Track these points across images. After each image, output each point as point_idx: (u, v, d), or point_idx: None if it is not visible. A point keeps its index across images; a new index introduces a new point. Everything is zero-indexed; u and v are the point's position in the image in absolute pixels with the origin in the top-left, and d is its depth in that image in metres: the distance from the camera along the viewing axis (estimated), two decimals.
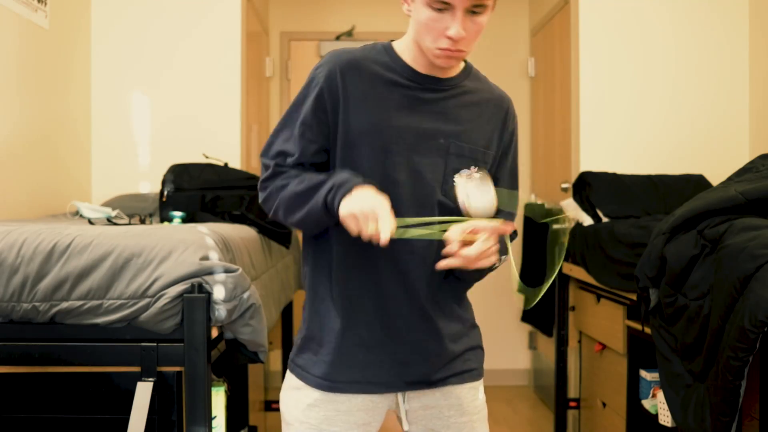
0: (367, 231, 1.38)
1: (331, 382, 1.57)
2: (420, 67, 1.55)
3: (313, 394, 1.58)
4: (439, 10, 1.44)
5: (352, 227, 1.41)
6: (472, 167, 1.54)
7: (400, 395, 1.61)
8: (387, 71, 1.54)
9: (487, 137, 1.59)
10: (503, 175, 1.65)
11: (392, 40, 1.60)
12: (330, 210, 1.45)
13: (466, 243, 1.43)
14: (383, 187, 1.47)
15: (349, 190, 1.42)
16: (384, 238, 1.37)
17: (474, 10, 1.47)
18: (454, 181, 1.52)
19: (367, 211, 1.38)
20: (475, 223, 1.44)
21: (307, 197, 1.48)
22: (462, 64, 1.62)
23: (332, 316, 1.57)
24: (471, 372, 1.65)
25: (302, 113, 1.54)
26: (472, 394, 1.65)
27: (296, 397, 1.61)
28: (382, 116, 1.52)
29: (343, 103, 1.52)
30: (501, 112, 1.63)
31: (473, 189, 1.46)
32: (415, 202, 1.53)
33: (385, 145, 1.52)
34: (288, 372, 1.65)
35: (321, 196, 1.46)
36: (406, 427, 1.63)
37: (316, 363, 1.58)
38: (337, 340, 1.57)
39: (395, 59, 1.55)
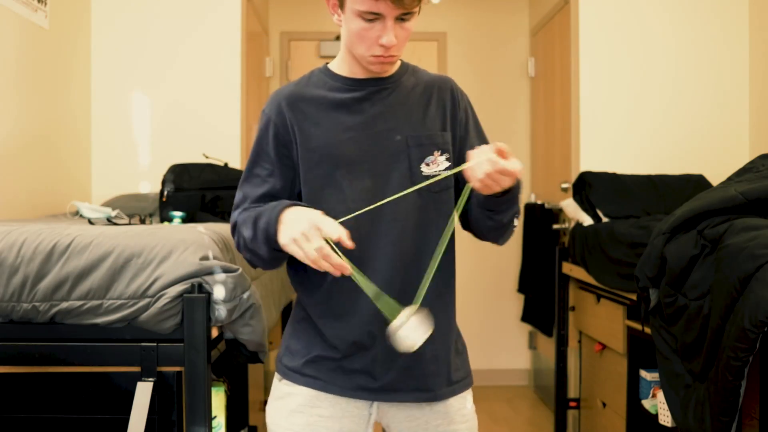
0: (312, 250, 1.39)
1: (323, 382, 1.58)
2: (359, 74, 1.59)
3: (296, 400, 1.58)
4: (370, 20, 1.48)
5: (300, 255, 1.41)
6: (435, 152, 1.57)
7: (386, 405, 1.60)
8: (328, 90, 1.59)
9: (440, 120, 1.62)
10: (466, 148, 1.62)
11: (326, 63, 1.65)
12: (275, 245, 1.47)
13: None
14: (354, 196, 1.52)
15: (277, 216, 1.45)
16: (338, 236, 1.39)
17: (402, 18, 1.51)
18: (421, 170, 1.55)
19: (304, 229, 1.40)
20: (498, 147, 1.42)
21: (255, 233, 1.51)
22: (397, 63, 1.64)
23: (326, 319, 1.58)
24: (461, 382, 1.65)
25: (263, 156, 1.58)
26: (459, 403, 1.64)
27: (279, 405, 1.62)
28: (336, 132, 1.55)
29: (298, 132, 1.56)
30: (446, 93, 1.65)
31: (413, 321, 1.43)
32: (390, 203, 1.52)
33: (346, 158, 1.54)
34: (274, 382, 1.65)
35: (261, 230, 1.49)
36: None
37: (307, 363, 1.59)
38: (330, 343, 1.57)
39: (333, 76, 1.61)
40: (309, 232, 1.39)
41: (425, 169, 1.56)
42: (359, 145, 1.55)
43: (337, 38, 4.97)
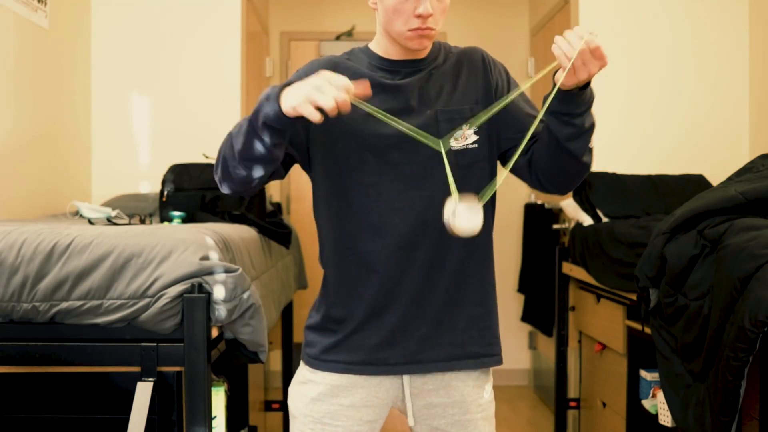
0: (330, 98, 1.31)
1: (346, 364, 1.59)
2: (394, 55, 1.59)
3: (317, 388, 1.60)
4: None
5: (308, 109, 1.32)
6: (464, 126, 1.55)
7: (406, 391, 1.61)
8: (366, 68, 1.59)
9: (473, 94, 1.61)
10: (521, 111, 1.62)
11: (367, 43, 1.65)
12: (272, 117, 1.37)
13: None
14: (382, 169, 1.52)
15: (278, 91, 1.38)
16: (350, 88, 1.33)
17: None
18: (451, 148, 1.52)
19: (316, 83, 1.34)
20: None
21: (241, 127, 1.43)
22: (430, 45, 1.63)
23: (333, 297, 1.61)
24: (483, 359, 1.67)
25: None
26: (476, 393, 1.66)
27: (302, 391, 1.63)
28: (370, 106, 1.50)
29: None
30: (477, 63, 1.65)
31: (462, 208, 1.42)
32: (413, 175, 1.54)
33: (377, 135, 1.54)
34: (301, 365, 1.67)
35: (258, 116, 1.39)
36: (411, 421, 1.64)
37: (328, 348, 1.60)
38: (352, 324, 1.59)
39: (372, 56, 1.61)
40: (321, 85, 1.33)
41: (454, 144, 1.55)
42: (391, 121, 1.51)
43: (338, 38, 4.98)
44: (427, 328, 1.59)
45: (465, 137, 1.56)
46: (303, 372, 1.65)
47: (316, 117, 1.33)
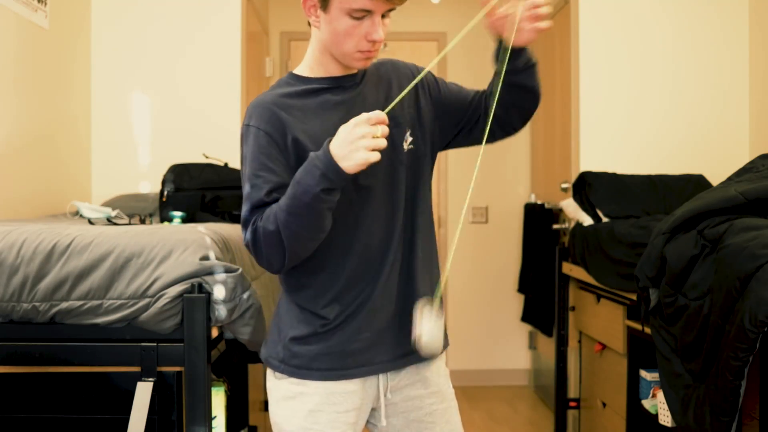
0: (380, 140, 1.42)
1: (341, 370, 1.59)
2: (334, 72, 1.62)
3: (312, 399, 1.59)
4: (359, 18, 1.52)
5: (372, 157, 1.41)
6: (406, 129, 1.65)
7: (383, 387, 1.64)
8: (306, 93, 1.61)
9: (406, 99, 1.67)
10: (452, 94, 1.74)
11: (290, 72, 1.67)
12: (331, 173, 1.43)
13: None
14: (351, 186, 1.56)
15: (327, 150, 1.44)
16: (381, 118, 1.42)
17: (387, 13, 1.56)
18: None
19: (360, 131, 1.41)
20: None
21: (295, 195, 1.46)
22: None
23: (321, 303, 1.61)
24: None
25: (255, 164, 1.55)
26: (446, 383, 1.73)
27: (293, 406, 1.60)
28: (329, 130, 1.54)
29: (298, 133, 1.55)
30: (402, 71, 1.73)
31: (426, 324, 1.50)
32: (384, 188, 1.61)
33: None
34: (274, 382, 1.63)
35: (313, 175, 1.44)
36: (383, 422, 1.66)
37: (318, 356, 1.59)
38: (335, 325, 1.59)
39: (306, 80, 1.63)
40: (365, 132, 1.41)
41: (405, 146, 1.65)
42: None
43: None
44: (403, 323, 1.64)
45: (407, 140, 1.66)
46: (286, 386, 1.61)
47: (377, 157, 1.43)
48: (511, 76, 1.63)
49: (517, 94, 1.67)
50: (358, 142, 1.40)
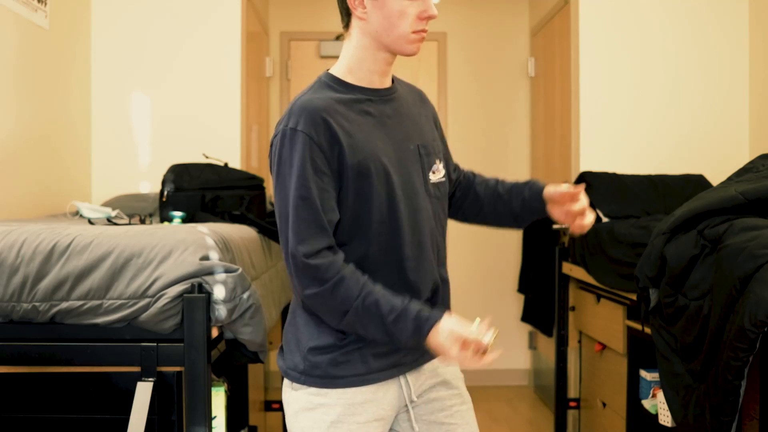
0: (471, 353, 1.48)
1: (363, 375, 1.57)
2: (367, 83, 1.61)
3: (334, 410, 1.55)
4: None
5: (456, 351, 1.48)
6: (437, 160, 1.66)
7: (406, 391, 1.62)
8: (348, 98, 1.57)
9: (431, 129, 1.70)
10: (446, 151, 1.79)
11: (327, 70, 1.63)
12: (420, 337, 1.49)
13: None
14: (387, 207, 1.54)
15: (433, 324, 1.49)
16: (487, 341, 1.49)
17: None
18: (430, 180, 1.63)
19: (465, 341, 1.48)
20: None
21: (387, 320, 1.48)
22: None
23: None
24: None
25: (310, 185, 1.49)
26: (463, 385, 1.73)
27: (314, 417, 1.57)
28: (374, 140, 1.55)
29: (346, 140, 1.51)
30: (427, 102, 1.76)
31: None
32: (410, 212, 1.59)
33: (384, 166, 1.55)
34: (292, 393, 1.60)
35: (409, 327, 1.48)
36: (416, 427, 1.64)
37: (339, 364, 1.56)
38: (355, 338, 1.57)
39: (346, 85, 1.59)
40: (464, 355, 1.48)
41: (432, 177, 1.64)
42: (389, 154, 1.56)
43: (338, 38, 4.97)
44: None
45: (439, 170, 1.66)
46: (306, 398, 1.58)
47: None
48: (524, 214, 1.77)
49: (507, 219, 1.79)
50: (452, 352, 1.47)
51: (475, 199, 1.81)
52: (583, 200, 1.69)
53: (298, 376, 1.58)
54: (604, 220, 3.35)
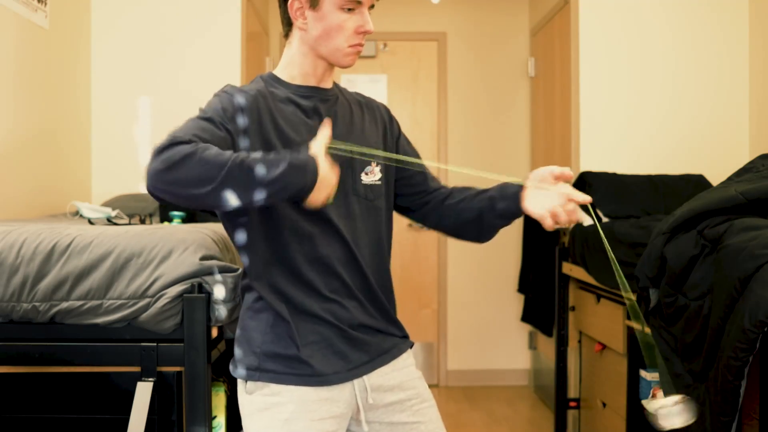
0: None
1: (320, 376, 1.57)
2: (310, 81, 1.65)
3: (287, 408, 1.56)
4: (350, 9, 1.58)
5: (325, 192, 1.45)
6: (373, 163, 1.68)
7: (359, 391, 1.63)
8: (286, 94, 1.62)
9: (376, 138, 1.72)
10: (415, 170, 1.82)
11: (269, 72, 1.67)
12: (304, 192, 1.42)
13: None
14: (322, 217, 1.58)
15: (315, 173, 1.43)
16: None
17: (371, 5, 1.62)
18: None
19: (328, 181, 1.45)
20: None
21: (275, 169, 1.39)
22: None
23: (292, 310, 1.59)
24: (406, 340, 1.74)
25: (213, 116, 1.53)
26: (421, 384, 1.73)
27: (269, 416, 1.57)
28: (305, 136, 1.57)
29: (281, 126, 1.56)
30: (382, 113, 1.78)
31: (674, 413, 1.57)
32: (341, 212, 1.62)
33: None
34: (245, 396, 1.61)
35: (297, 176, 1.40)
36: (365, 427, 1.65)
37: (294, 362, 1.57)
38: (308, 331, 1.58)
39: (286, 84, 1.64)
40: (331, 182, 1.45)
41: (365, 179, 1.67)
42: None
43: None
44: (375, 321, 1.67)
45: (373, 173, 1.68)
46: (259, 399, 1.59)
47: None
48: (496, 220, 1.73)
49: (474, 228, 1.76)
50: (328, 188, 1.44)
51: (440, 204, 1.81)
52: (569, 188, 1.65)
53: (252, 374, 1.59)
54: (604, 220, 3.35)
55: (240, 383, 1.64)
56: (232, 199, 1.37)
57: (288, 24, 1.64)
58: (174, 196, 1.39)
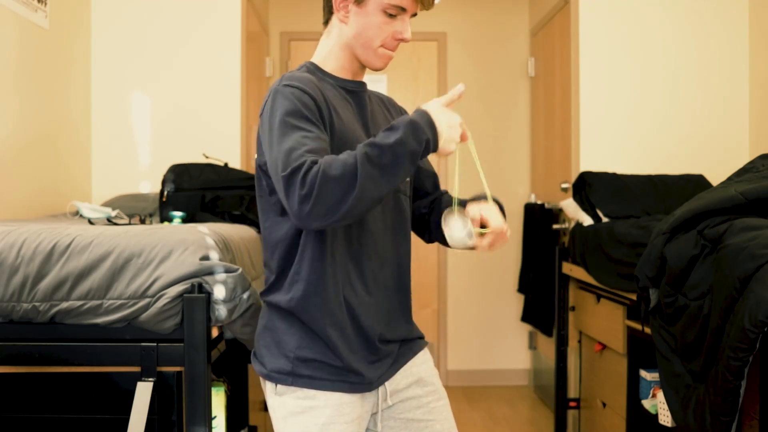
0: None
1: (361, 384, 1.58)
2: (347, 75, 1.66)
3: (324, 412, 1.55)
4: (393, 15, 1.57)
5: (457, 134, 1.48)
6: None
7: (381, 393, 1.65)
8: (334, 86, 1.63)
9: None
10: (428, 170, 1.87)
11: (311, 62, 1.69)
12: (432, 145, 1.44)
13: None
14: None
15: (431, 123, 1.45)
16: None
17: (414, 14, 1.63)
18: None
19: (453, 122, 1.48)
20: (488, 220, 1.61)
21: (399, 156, 1.39)
22: None
23: (338, 313, 1.58)
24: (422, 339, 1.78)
25: (307, 119, 1.47)
26: (439, 381, 1.74)
27: (303, 421, 1.56)
28: (354, 125, 1.60)
29: (334, 115, 1.56)
30: (396, 108, 1.82)
31: (454, 223, 1.58)
32: (386, 217, 1.65)
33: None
34: (276, 399, 1.60)
35: (416, 135, 1.41)
36: (378, 427, 1.66)
37: (332, 369, 1.56)
38: (352, 335, 1.58)
39: (331, 76, 1.65)
40: (455, 125, 1.48)
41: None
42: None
43: None
44: (404, 322, 1.70)
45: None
46: (293, 402, 1.58)
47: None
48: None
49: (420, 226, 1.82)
50: (453, 132, 1.46)
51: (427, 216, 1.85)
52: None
53: (284, 378, 1.57)
54: (604, 220, 3.35)
55: (269, 384, 1.62)
56: (377, 196, 1.40)
57: (329, 12, 1.64)
58: (335, 223, 1.39)
